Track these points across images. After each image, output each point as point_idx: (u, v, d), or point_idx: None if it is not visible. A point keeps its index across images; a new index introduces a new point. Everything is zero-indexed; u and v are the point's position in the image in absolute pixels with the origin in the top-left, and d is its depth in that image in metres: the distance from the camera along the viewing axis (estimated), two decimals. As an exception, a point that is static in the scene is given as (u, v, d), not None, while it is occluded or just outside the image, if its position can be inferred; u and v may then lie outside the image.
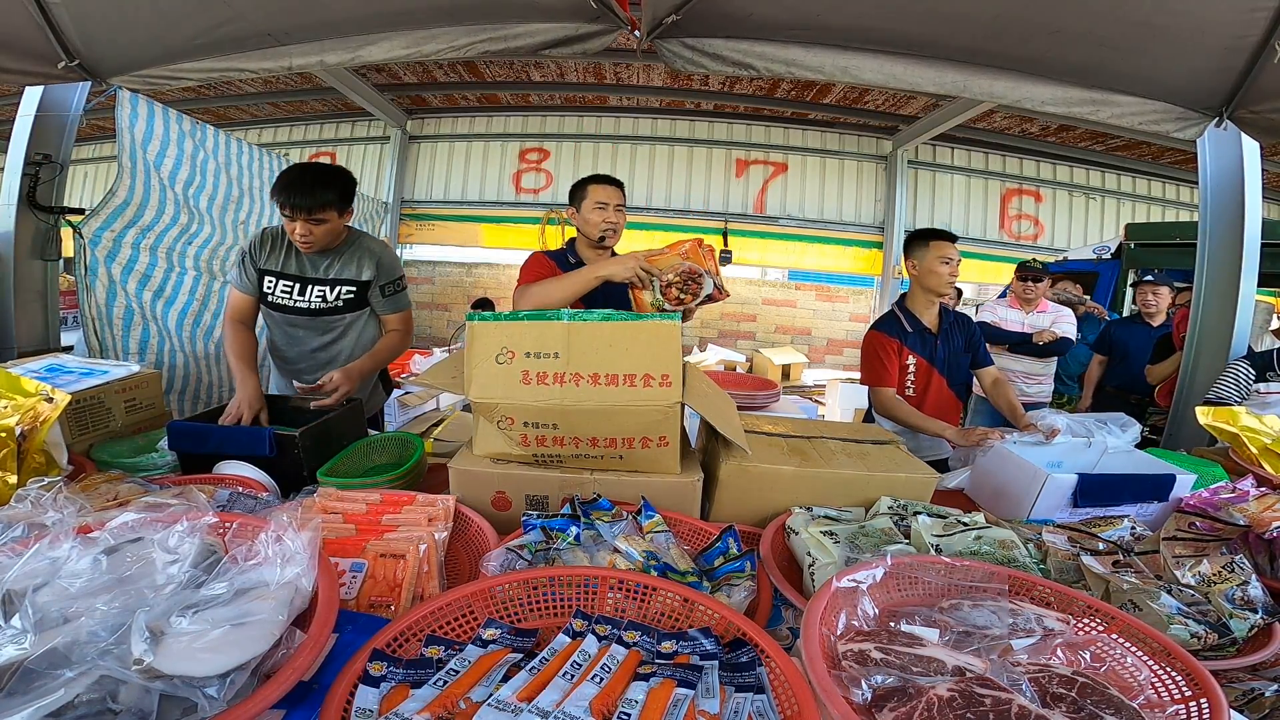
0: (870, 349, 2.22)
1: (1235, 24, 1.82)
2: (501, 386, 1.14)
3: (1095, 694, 0.65)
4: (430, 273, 7.37)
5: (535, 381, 1.13)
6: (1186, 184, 6.66)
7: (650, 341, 1.14)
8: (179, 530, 0.79)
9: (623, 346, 1.14)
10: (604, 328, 1.14)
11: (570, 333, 1.14)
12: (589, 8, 2.07)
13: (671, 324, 1.15)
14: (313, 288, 1.96)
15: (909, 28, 2.12)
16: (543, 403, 1.13)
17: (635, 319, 1.16)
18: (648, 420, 1.14)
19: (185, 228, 2.97)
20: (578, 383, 1.13)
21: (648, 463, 1.21)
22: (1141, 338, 3.60)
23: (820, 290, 7.02)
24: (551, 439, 1.17)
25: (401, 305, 2.07)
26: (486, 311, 1.21)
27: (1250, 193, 2.50)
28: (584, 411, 1.13)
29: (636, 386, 1.13)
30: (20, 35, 2.15)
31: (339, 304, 1.98)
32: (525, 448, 1.19)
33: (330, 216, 1.83)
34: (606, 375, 1.13)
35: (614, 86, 6.20)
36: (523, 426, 1.16)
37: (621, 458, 1.20)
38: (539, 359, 1.14)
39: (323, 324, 2.01)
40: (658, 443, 1.17)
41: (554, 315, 1.16)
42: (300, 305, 1.97)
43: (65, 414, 1.26)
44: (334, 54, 2.36)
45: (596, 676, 0.67)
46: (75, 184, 7.28)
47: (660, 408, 1.12)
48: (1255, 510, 1.23)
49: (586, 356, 1.14)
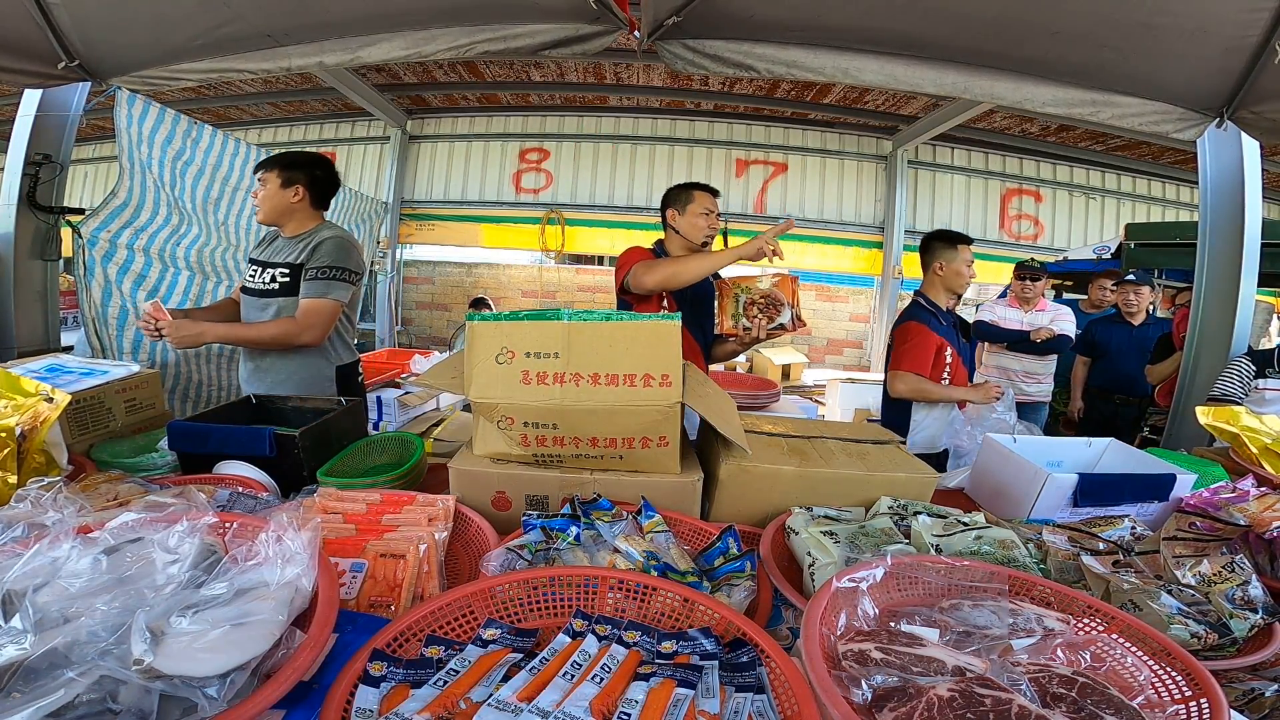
0: (919, 339, 2.30)
1: (1235, 24, 1.82)
2: (501, 387, 1.14)
3: (1095, 694, 0.65)
4: (430, 273, 7.37)
5: (535, 381, 1.13)
6: (1186, 184, 6.65)
7: (650, 341, 1.14)
8: (179, 530, 0.79)
9: (623, 346, 1.13)
10: (604, 327, 1.14)
11: (570, 332, 1.14)
12: (589, 8, 2.07)
13: (671, 324, 1.15)
14: (266, 270, 2.02)
15: (909, 28, 2.12)
16: (543, 403, 1.13)
17: (636, 319, 1.15)
18: (648, 420, 1.14)
19: (176, 228, 2.98)
20: (578, 383, 1.13)
21: (648, 463, 1.21)
22: (1122, 337, 3.61)
23: (820, 290, 7.02)
24: (552, 439, 1.17)
25: (314, 292, 1.92)
26: (485, 311, 1.21)
27: (1250, 193, 2.50)
28: (584, 411, 1.13)
29: (636, 386, 1.13)
30: (20, 35, 2.15)
31: (274, 287, 2.00)
32: (525, 448, 1.19)
33: (268, 180, 1.95)
34: (607, 375, 1.13)
35: (614, 86, 6.20)
36: (523, 426, 1.16)
37: (621, 458, 1.19)
38: (539, 359, 1.14)
39: (260, 306, 2.04)
40: (658, 443, 1.17)
41: (553, 315, 1.16)
42: (253, 287, 2.04)
43: (65, 414, 1.26)
44: (333, 55, 2.36)
45: (596, 676, 0.67)
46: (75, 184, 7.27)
47: (660, 408, 1.12)
48: (1255, 510, 1.23)
49: (586, 356, 1.13)
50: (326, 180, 2.07)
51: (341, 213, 4.69)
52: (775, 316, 1.88)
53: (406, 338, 7.28)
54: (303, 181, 1.99)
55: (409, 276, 7.30)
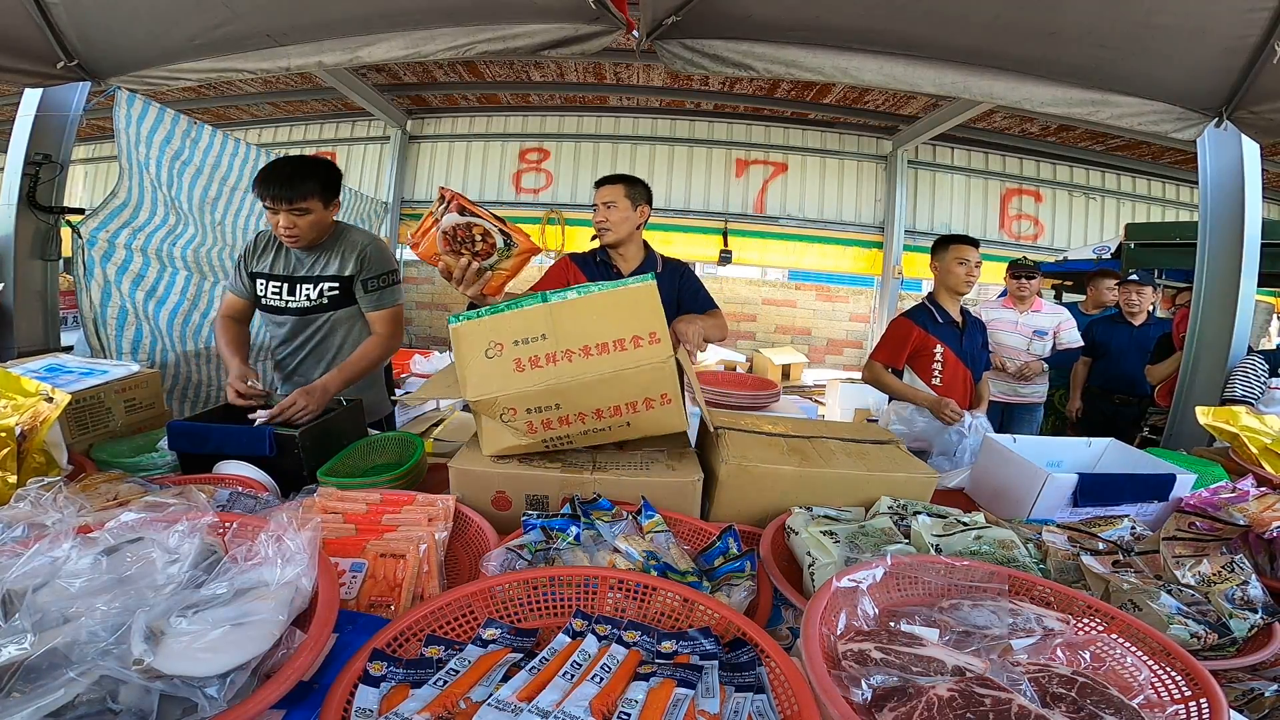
0: (892, 330, 2.44)
1: (1235, 24, 1.82)
2: (497, 380, 1.15)
3: (1095, 694, 0.65)
4: (430, 273, 7.36)
5: (529, 367, 1.15)
6: (1186, 184, 6.65)
7: (631, 305, 1.17)
8: (179, 530, 0.79)
9: (606, 315, 1.16)
10: (585, 301, 1.17)
11: (553, 312, 1.16)
12: (588, 8, 2.07)
13: (648, 284, 1.19)
14: (300, 286, 1.91)
15: (908, 28, 2.12)
16: (540, 385, 1.14)
17: (610, 287, 1.19)
18: (645, 380, 1.16)
19: (173, 228, 2.98)
20: (570, 359, 1.15)
21: (655, 424, 1.22)
22: (1123, 337, 3.61)
23: (820, 290, 7.02)
24: (558, 420, 1.18)
25: (385, 302, 1.93)
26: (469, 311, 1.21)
27: (1250, 193, 2.50)
28: (582, 385, 1.14)
29: (627, 349, 1.15)
30: (20, 35, 2.15)
31: (323, 301, 1.92)
32: (533, 435, 1.19)
33: (314, 207, 1.77)
34: (597, 345, 1.15)
35: (614, 86, 6.20)
36: (526, 414, 1.17)
37: (629, 424, 1.21)
38: (527, 344, 1.16)
39: (309, 323, 1.95)
40: (660, 401, 1.18)
41: (530, 300, 1.19)
42: (291, 305, 1.93)
43: (65, 414, 1.26)
44: (333, 54, 2.36)
45: (596, 676, 0.67)
46: (75, 184, 7.27)
47: (655, 364, 1.15)
48: (1255, 510, 1.23)
49: (573, 332, 1.16)
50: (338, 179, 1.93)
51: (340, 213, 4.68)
52: (492, 246, 1.44)
53: (407, 338, 7.28)
54: (335, 193, 1.87)
55: (409, 276, 7.30)
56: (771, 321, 7.02)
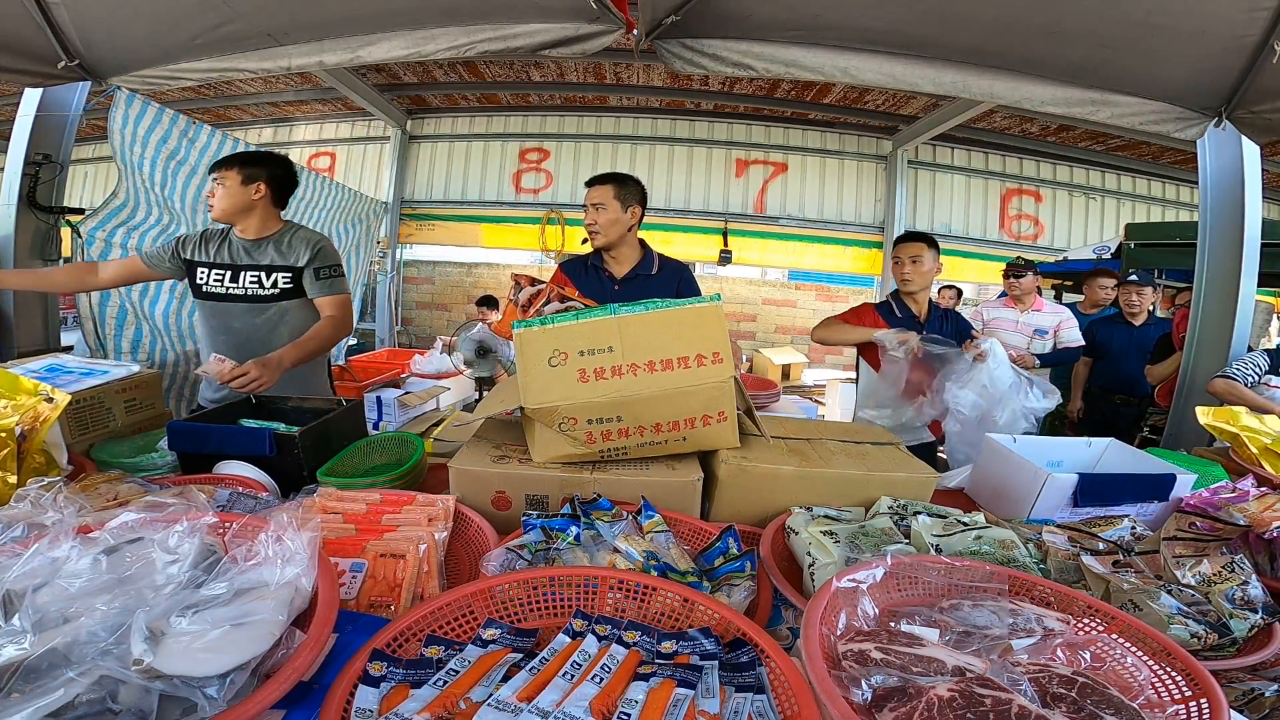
0: (855, 309, 2.48)
1: (1235, 24, 1.82)
2: (559, 389, 1.16)
3: (1095, 694, 0.65)
4: (430, 273, 7.38)
5: (594, 378, 1.16)
6: (1186, 184, 6.66)
7: (697, 324, 1.20)
8: (179, 530, 0.79)
9: (672, 331, 1.19)
10: (652, 316, 1.20)
11: (621, 325, 1.19)
12: (588, 8, 2.07)
13: (713, 305, 1.22)
14: (245, 274, 1.96)
15: (908, 28, 2.12)
16: (604, 397, 1.15)
17: (678, 304, 1.22)
18: (706, 398, 1.18)
19: (165, 228, 2.98)
20: (635, 373, 1.17)
21: (710, 439, 1.25)
22: (1123, 337, 3.61)
23: (820, 290, 7.03)
24: (617, 431, 1.19)
25: (337, 289, 2.01)
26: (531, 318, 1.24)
27: (1250, 193, 2.50)
28: (645, 399, 1.16)
29: (691, 368, 1.17)
30: (20, 35, 2.15)
31: (275, 291, 1.97)
32: (591, 445, 1.20)
33: (226, 177, 1.91)
34: (662, 361, 1.17)
35: (614, 86, 6.20)
36: (586, 425, 1.17)
37: (685, 439, 1.23)
38: (593, 355, 1.17)
39: (258, 310, 1.99)
40: (717, 419, 1.21)
41: (597, 311, 1.21)
42: (234, 292, 1.97)
43: (65, 414, 1.26)
44: (333, 54, 2.36)
45: (596, 676, 0.67)
46: (75, 184, 7.28)
47: (716, 384, 1.17)
48: (1255, 510, 1.23)
49: (639, 346, 1.18)
50: (285, 179, 2.04)
51: (341, 213, 4.68)
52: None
53: (406, 338, 7.28)
54: (263, 179, 1.96)
55: (409, 276, 7.31)
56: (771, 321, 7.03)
